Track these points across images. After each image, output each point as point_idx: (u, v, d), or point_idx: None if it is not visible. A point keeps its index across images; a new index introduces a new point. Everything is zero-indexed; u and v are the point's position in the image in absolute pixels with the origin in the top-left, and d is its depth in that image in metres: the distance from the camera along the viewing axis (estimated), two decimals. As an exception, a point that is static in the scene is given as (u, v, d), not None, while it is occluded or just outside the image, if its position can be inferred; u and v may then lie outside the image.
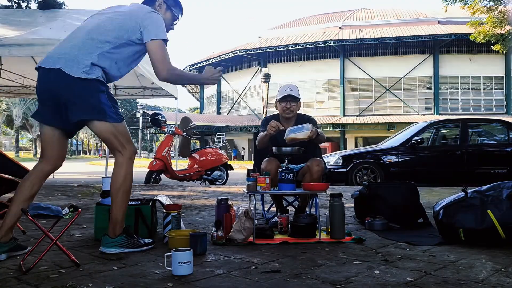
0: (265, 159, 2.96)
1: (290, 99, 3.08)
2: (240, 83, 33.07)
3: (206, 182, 7.58)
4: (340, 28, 30.11)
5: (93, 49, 2.06)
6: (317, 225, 2.53)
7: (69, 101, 2.00)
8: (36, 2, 10.27)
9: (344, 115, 28.19)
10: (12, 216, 2.02)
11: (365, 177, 7.20)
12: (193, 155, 7.49)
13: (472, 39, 13.02)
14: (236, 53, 30.55)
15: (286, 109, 3.09)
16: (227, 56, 31.67)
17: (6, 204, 2.28)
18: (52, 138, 2.12)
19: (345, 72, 28.68)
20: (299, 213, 2.99)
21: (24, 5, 10.70)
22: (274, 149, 2.76)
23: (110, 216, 2.17)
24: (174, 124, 7.83)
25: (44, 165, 2.13)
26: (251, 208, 2.51)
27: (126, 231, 2.20)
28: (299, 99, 3.15)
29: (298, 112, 3.20)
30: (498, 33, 12.04)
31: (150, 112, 14.96)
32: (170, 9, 2.33)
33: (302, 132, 2.69)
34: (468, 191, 2.45)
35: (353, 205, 3.41)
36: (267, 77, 16.44)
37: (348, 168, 7.28)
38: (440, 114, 26.36)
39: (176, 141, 8.49)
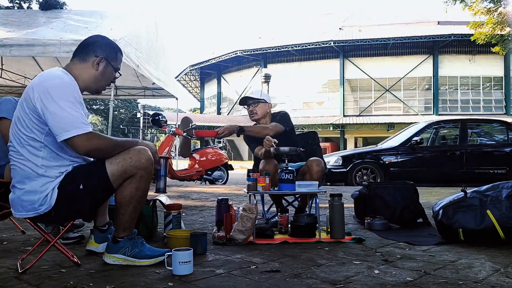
0: (262, 160, 2.95)
1: (250, 102, 3.04)
2: (240, 84, 33.06)
3: (207, 182, 7.60)
4: (340, 28, 30.12)
5: None
6: (317, 225, 2.54)
7: None
8: (38, 2, 10.28)
9: (344, 115, 28.19)
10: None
11: (364, 177, 7.21)
12: (194, 155, 7.50)
13: (472, 40, 13.08)
14: (236, 53, 30.53)
15: (250, 112, 3.07)
16: (227, 56, 31.65)
17: (5, 206, 2.27)
18: None
19: (345, 73, 28.68)
20: (299, 213, 2.99)
21: (25, 5, 10.71)
22: (272, 149, 2.73)
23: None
24: (175, 124, 7.84)
25: None
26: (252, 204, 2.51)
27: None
28: (262, 100, 3.04)
29: (272, 111, 3.15)
30: (498, 34, 12.09)
31: (151, 112, 14.94)
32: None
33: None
34: (468, 191, 2.46)
35: (353, 205, 3.41)
36: (267, 78, 16.45)
37: (347, 168, 7.29)
38: (439, 115, 26.37)
39: (177, 141, 8.49)
